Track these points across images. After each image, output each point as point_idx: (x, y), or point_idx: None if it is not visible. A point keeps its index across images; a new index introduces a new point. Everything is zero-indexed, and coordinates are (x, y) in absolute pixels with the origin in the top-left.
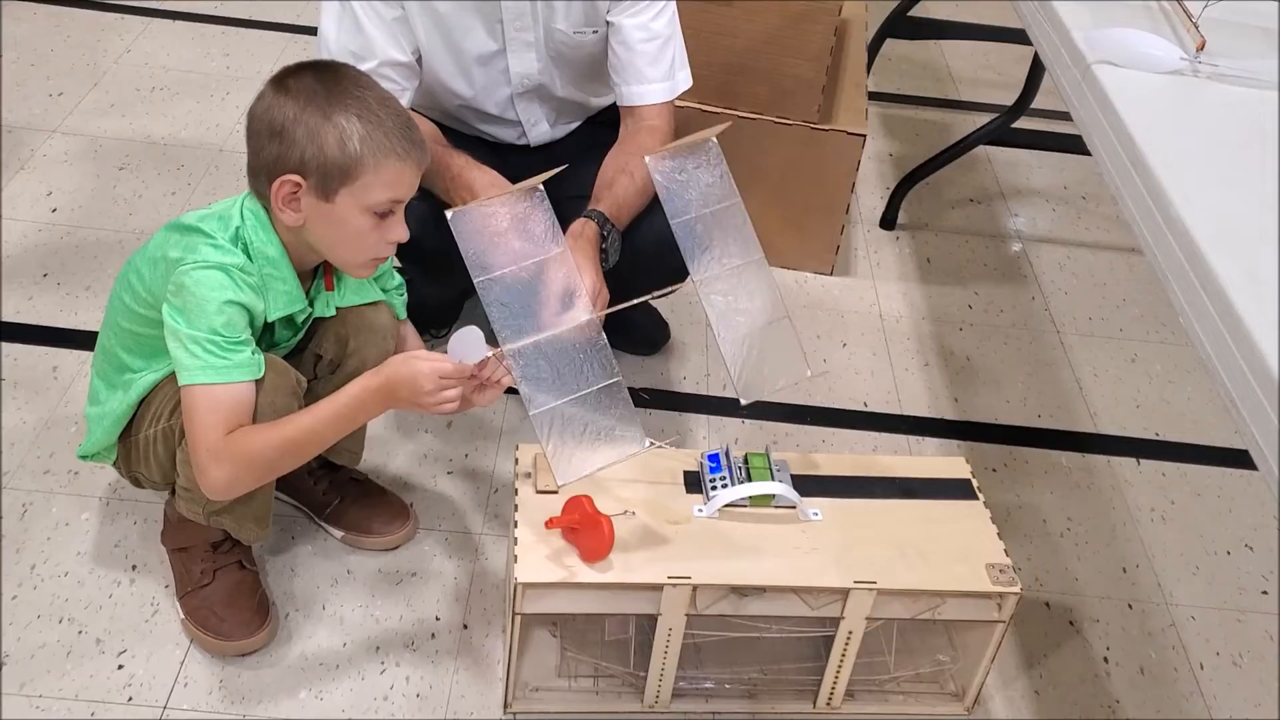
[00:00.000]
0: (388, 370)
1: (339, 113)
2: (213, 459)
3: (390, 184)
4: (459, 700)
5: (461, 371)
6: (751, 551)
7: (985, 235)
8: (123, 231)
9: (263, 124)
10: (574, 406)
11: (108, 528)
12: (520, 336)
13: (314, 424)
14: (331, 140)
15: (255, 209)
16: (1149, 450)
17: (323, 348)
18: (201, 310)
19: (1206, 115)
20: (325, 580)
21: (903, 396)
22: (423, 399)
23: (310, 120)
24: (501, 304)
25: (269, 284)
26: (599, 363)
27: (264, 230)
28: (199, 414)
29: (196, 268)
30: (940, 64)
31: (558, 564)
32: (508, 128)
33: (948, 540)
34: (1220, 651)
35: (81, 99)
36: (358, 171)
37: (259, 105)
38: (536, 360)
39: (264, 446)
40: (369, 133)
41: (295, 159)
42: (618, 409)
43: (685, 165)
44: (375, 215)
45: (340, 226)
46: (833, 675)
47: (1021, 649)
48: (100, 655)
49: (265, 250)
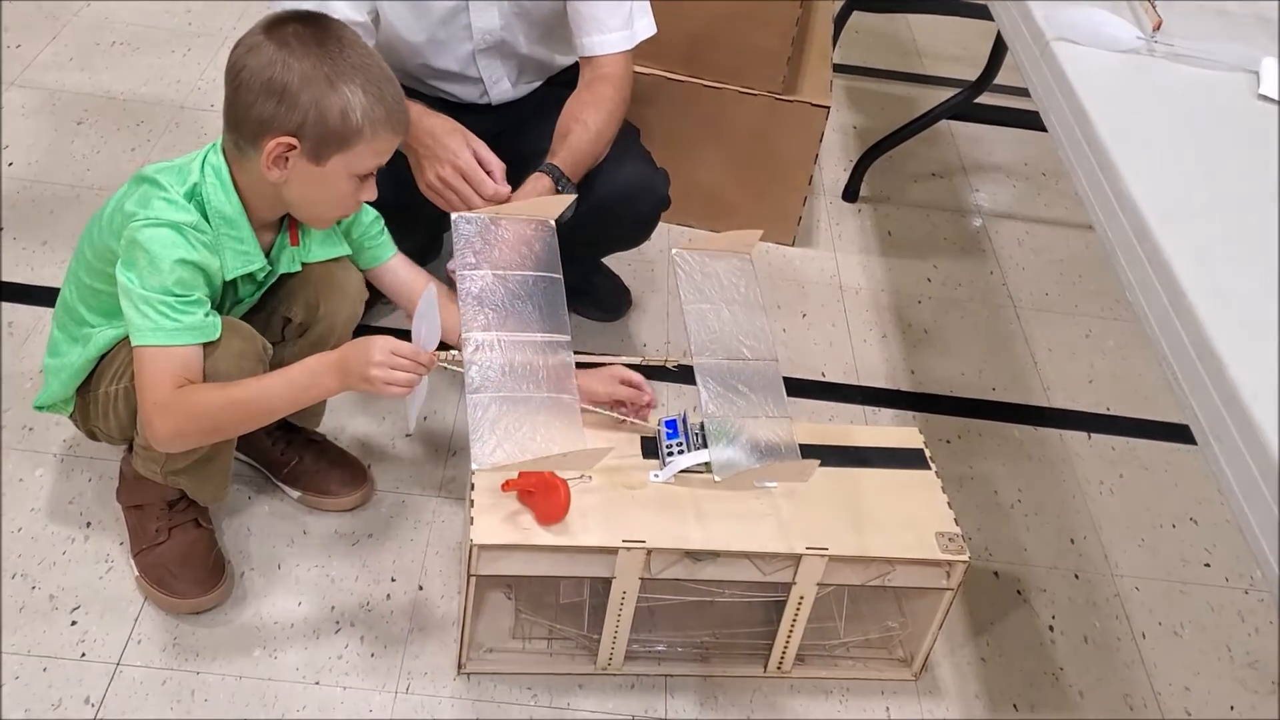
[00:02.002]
0: (345, 344)
1: (345, 82)
2: (158, 411)
3: (382, 153)
4: (413, 660)
5: (417, 355)
6: (706, 517)
7: (946, 209)
8: (80, 187)
9: (260, 80)
10: (517, 405)
11: (62, 484)
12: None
13: (264, 389)
14: (336, 110)
15: (218, 164)
16: (1100, 425)
17: (292, 311)
18: (154, 268)
19: (1161, 94)
20: (281, 540)
21: (860, 367)
22: (371, 371)
23: (317, 87)
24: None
25: (224, 243)
26: (558, 379)
27: (223, 188)
28: (146, 372)
29: (148, 225)
30: (906, 38)
31: (514, 527)
32: (469, 85)
33: (899, 509)
34: (1162, 621)
35: (40, 52)
36: (355, 141)
37: (255, 59)
38: (493, 353)
39: (210, 404)
40: (371, 106)
41: (295, 122)
42: (563, 420)
43: (712, 263)
44: (358, 179)
45: (324, 189)
46: (784, 640)
47: (969, 616)
48: (53, 611)
49: (222, 209)
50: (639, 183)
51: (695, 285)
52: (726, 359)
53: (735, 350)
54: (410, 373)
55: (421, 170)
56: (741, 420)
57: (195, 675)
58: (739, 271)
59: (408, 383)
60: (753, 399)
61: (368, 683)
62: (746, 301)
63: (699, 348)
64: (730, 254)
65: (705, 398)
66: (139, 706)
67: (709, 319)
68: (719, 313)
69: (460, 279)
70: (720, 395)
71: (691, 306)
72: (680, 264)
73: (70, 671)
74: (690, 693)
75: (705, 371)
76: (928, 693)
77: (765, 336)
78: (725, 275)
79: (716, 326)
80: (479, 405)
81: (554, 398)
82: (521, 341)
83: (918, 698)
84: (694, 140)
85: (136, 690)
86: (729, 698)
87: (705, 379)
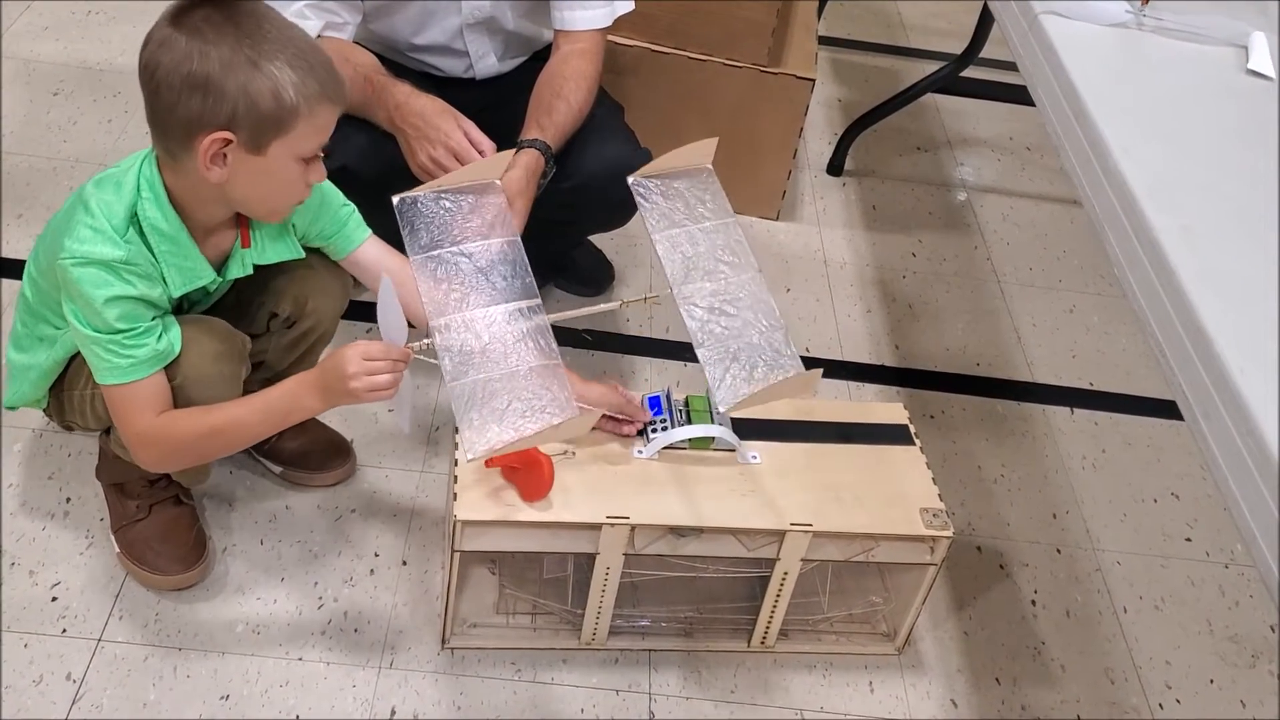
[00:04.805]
0: (321, 363)
1: (267, 60)
2: (140, 443)
3: (323, 129)
4: (396, 635)
5: (389, 353)
6: (690, 493)
7: (931, 183)
8: (56, 159)
9: (178, 76)
10: (500, 383)
11: (41, 459)
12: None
13: (244, 415)
14: (266, 92)
15: (152, 177)
16: (1083, 400)
17: (279, 306)
18: (91, 309)
19: (1149, 69)
20: (264, 516)
21: (844, 342)
22: (350, 384)
23: (241, 72)
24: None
25: (167, 261)
26: (536, 344)
27: (157, 204)
28: (118, 408)
29: (75, 263)
30: (891, 10)
31: (497, 502)
32: (454, 59)
33: (883, 485)
34: (1143, 596)
35: (14, 21)
36: (292, 122)
37: (167, 54)
38: (464, 334)
39: (191, 432)
40: (303, 80)
41: (225, 114)
42: (552, 390)
43: (673, 184)
44: (303, 162)
45: (270, 178)
46: (767, 615)
47: (952, 591)
48: (33, 587)
49: (159, 226)
50: (621, 163)
51: (660, 210)
52: (707, 281)
53: (714, 270)
54: (390, 373)
55: (413, 152)
56: (735, 342)
57: (177, 651)
58: (702, 185)
59: (391, 384)
60: (743, 316)
61: (351, 658)
62: (716, 215)
63: (676, 275)
64: (690, 169)
65: (693, 326)
66: (121, 682)
67: (681, 243)
68: (690, 234)
69: (416, 264)
70: (708, 320)
71: (660, 234)
72: (640, 191)
73: (51, 648)
74: (674, 667)
75: (687, 298)
76: (910, 667)
77: (742, 248)
78: (689, 192)
79: (690, 249)
80: (460, 393)
81: (536, 366)
82: (492, 315)
83: (900, 672)
84: (678, 112)
85: (118, 666)
86: (712, 672)
87: (689, 307)
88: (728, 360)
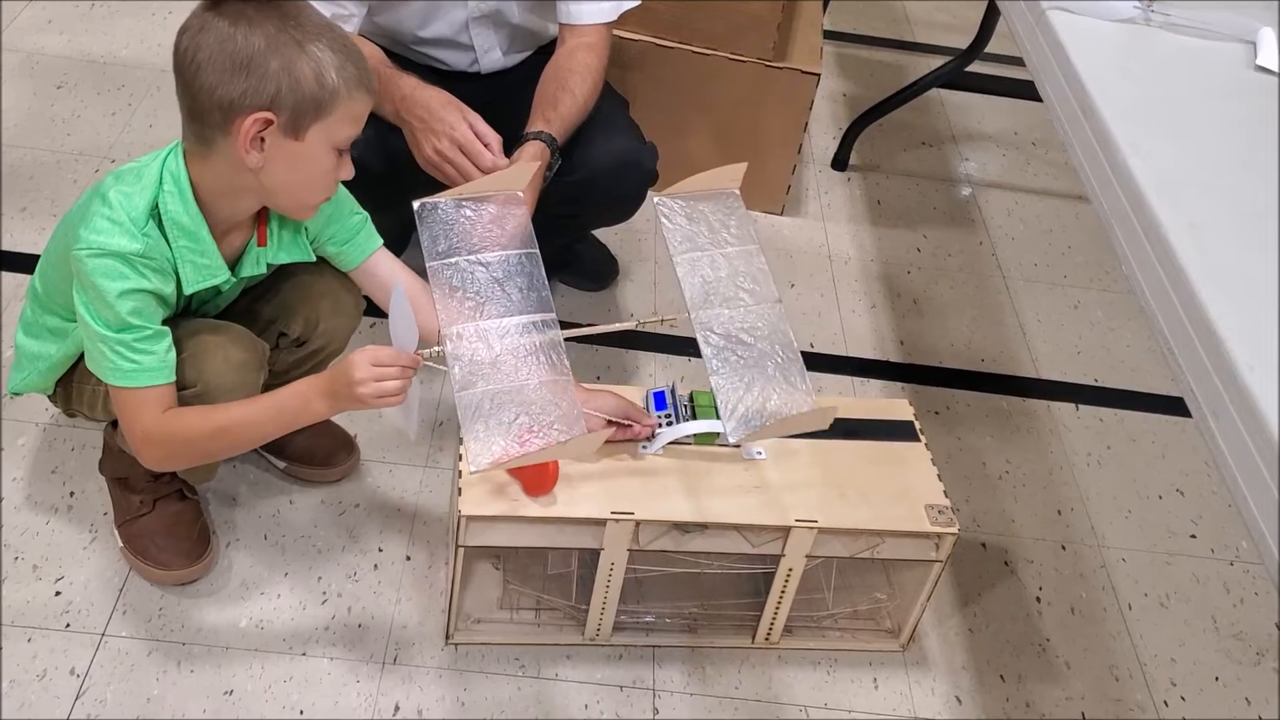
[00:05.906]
0: (331, 368)
1: (312, 43)
2: (145, 442)
3: (358, 118)
4: (400, 631)
5: (399, 359)
6: (694, 489)
7: (936, 179)
8: (60, 152)
9: (222, 57)
10: (508, 395)
11: (45, 453)
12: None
13: (251, 416)
14: (309, 73)
15: (177, 171)
16: (1088, 396)
17: (290, 326)
18: (103, 301)
19: (1157, 64)
20: (267, 510)
21: (849, 338)
22: (358, 390)
23: (286, 51)
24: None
25: (183, 256)
26: (548, 358)
27: (181, 198)
28: (124, 409)
29: (91, 254)
30: (896, 5)
31: (502, 498)
32: (460, 52)
33: (888, 481)
34: (1148, 593)
35: (17, 14)
36: (332, 105)
37: (209, 37)
38: (475, 344)
39: (197, 433)
40: (343, 64)
41: (268, 94)
42: (561, 406)
43: (698, 206)
44: (337, 153)
45: (305, 167)
46: (772, 611)
47: (957, 588)
48: (37, 581)
49: (180, 220)
50: (627, 158)
51: (682, 232)
52: (725, 308)
53: (734, 297)
54: (398, 379)
55: (419, 145)
56: (750, 373)
57: (181, 647)
58: (728, 209)
59: (399, 389)
60: (759, 347)
61: (355, 654)
62: (740, 240)
63: (694, 300)
64: (716, 192)
65: (708, 353)
66: (124, 678)
67: (702, 266)
68: (712, 258)
69: (432, 271)
70: (723, 348)
71: (681, 256)
72: (664, 211)
73: (55, 642)
74: (678, 663)
75: (704, 324)
76: (915, 663)
77: (764, 277)
78: (713, 215)
79: (711, 274)
80: (468, 403)
81: (546, 380)
82: (505, 326)
83: (905, 668)
84: (683, 107)
85: (122, 661)
86: (716, 669)
87: (705, 332)
88: (741, 390)
